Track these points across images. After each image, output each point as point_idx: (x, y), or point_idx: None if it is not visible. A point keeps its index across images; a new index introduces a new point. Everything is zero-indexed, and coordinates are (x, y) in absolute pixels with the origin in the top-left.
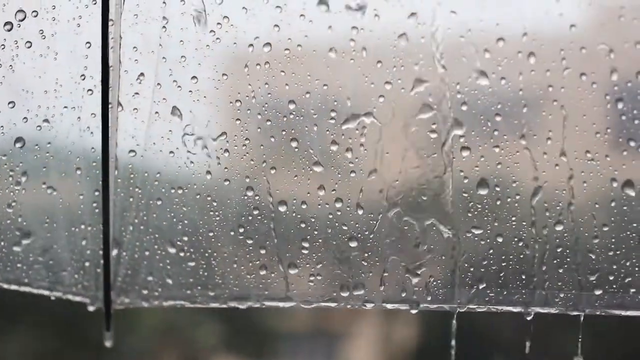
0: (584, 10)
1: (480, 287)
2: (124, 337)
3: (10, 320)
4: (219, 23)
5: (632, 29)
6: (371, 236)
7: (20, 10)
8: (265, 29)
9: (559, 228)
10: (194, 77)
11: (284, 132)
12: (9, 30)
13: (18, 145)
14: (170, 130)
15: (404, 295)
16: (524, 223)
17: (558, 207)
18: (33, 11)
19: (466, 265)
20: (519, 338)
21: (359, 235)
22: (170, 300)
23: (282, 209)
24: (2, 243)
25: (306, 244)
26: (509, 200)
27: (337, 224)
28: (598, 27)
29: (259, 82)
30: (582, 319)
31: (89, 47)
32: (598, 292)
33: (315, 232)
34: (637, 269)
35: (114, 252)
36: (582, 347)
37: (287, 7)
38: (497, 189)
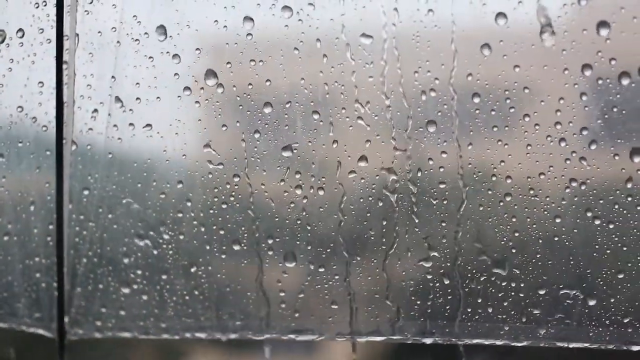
0: (531, 52)
1: (426, 319)
2: None
3: None
4: (175, 74)
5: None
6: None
7: None
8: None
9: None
10: (148, 124)
11: (239, 178)
12: None
13: None
14: (123, 168)
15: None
16: (472, 257)
17: (502, 242)
18: None
19: (412, 298)
20: None
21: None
22: (124, 331)
23: (236, 247)
24: None
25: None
26: (454, 232)
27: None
28: (540, 71)
29: (212, 123)
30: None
31: (41, 86)
32: (542, 327)
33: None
34: (579, 302)
35: (67, 285)
36: None
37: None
38: (443, 224)
